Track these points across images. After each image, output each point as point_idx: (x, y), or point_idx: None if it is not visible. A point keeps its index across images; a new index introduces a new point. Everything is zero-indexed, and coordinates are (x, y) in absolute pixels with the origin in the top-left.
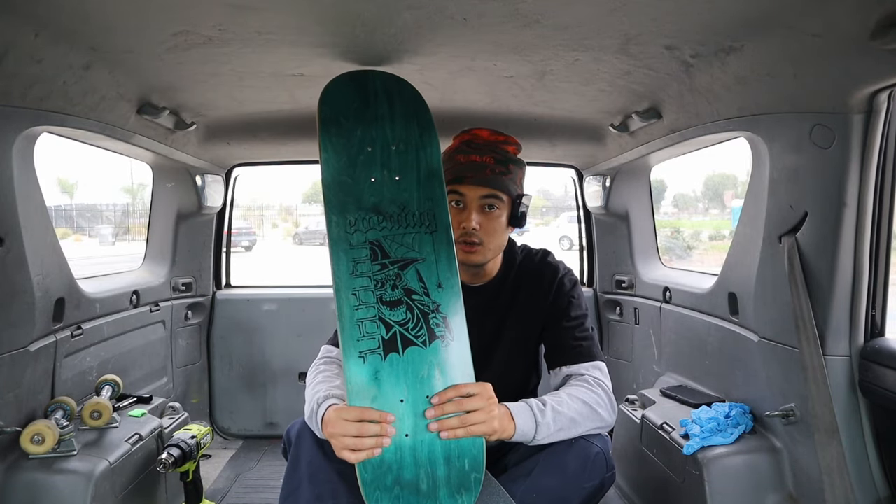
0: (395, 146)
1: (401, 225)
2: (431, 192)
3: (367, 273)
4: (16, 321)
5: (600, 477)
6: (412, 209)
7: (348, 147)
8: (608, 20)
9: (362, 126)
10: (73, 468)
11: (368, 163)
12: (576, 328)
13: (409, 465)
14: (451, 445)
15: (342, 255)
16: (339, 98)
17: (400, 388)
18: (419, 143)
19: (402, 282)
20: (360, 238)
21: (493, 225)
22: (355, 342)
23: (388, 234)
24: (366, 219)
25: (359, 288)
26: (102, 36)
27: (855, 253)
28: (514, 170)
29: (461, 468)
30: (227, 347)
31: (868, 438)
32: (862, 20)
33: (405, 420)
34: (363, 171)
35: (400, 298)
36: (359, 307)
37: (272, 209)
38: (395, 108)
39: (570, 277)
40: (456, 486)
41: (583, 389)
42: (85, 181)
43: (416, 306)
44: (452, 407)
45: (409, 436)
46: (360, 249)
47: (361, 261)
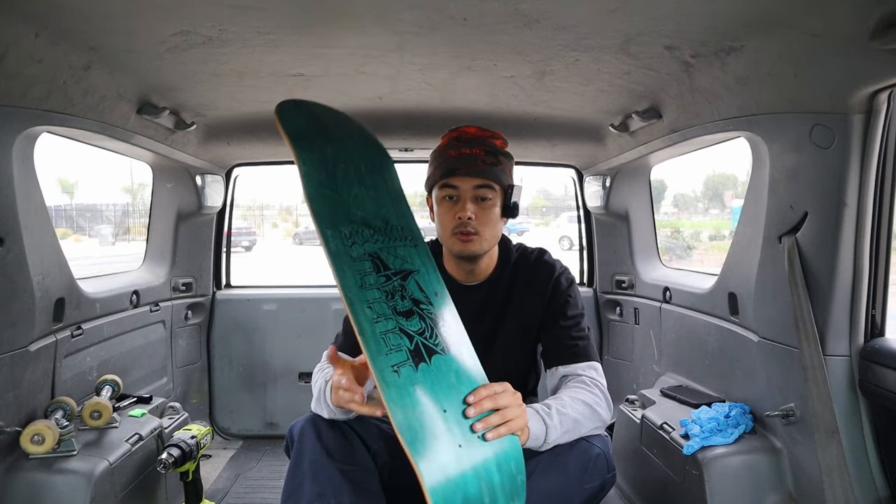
0: (364, 165)
1: (390, 238)
2: (402, 212)
3: (374, 285)
4: (16, 321)
5: (601, 478)
6: (393, 223)
7: (325, 162)
8: (608, 20)
9: (332, 144)
10: (73, 468)
11: (346, 178)
12: (572, 328)
13: (472, 479)
14: (499, 450)
15: (346, 269)
16: (298, 118)
17: (439, 398)
18: (381, 166)
19: (407, 292)
20: (359, 250)
21: (487, 215)
22: (384, 356)
23: (382, 246)
24: (359, 231)
25: (372, 300)
26: (102, 36)
27: (855, 253)
28: (503, 161)
29: (510, 472)
30: (227, 347)
31: (868, 438)
32: (862, 20)
33: (454, 430)
34: (344, 186)
35: (411, 308)
36: (377, 320)
37: (272, 209)
38: (351, 132)
39: (566, 276)
40: (510, 493)
41: (581, 390)
42: (85, 181)
43: (426, 315)
44: (490, 403)
45: (462, 446)
46: (362, 262)
47: (367, 273)
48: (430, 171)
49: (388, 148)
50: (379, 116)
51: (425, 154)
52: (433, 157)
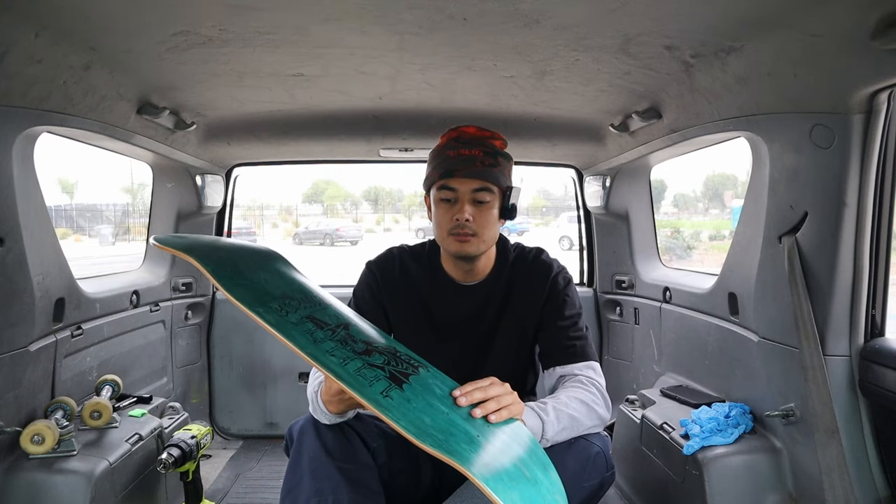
0: (256, 262)
1: (314, 305)
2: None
3: (326, 338)
4: (16, 321)
5: (600, 476)
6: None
7: (223, 262)
8: (608, 20)
9: (221, 250)
10: (73, 468)
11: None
12: (569, 328)
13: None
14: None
15: (294, 332)
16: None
17: (434, 403)
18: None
19: (354, 338)
20: (295, 316)
21: (485, 217)
22: (369, 388)
23: (311, 310)
24: (287, 303)
25: (331, 349)
26: (102, 36)
27: (855, 253)
28: (502, 162)
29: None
30: (227, 347)
31: (868, 438)
32: (862, 20)
33: (462, 425)
34: (252, 274)
35: (367, 348)
36: (345, 363)
37: (272, 209)
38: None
39: (563, 275)
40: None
41: (579, 389)
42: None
43: (383, 352)
44: (480, 394)
45: (479, 436)
46: (304, 324)
47: (313, 331)
48: (428, 171)
49: (388, 148)
50: (379, 116)
51: (425, 154)
52: (432, 157)
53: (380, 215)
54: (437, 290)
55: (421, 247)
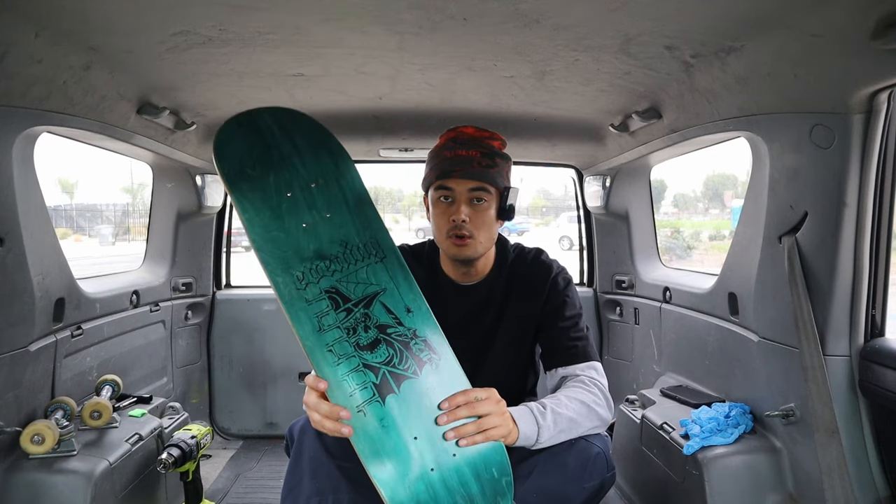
0: (315, 182)
1: (349, 262)
2: (367, 220)
3: (334, 325)
4: (16, 321)
5: (600, 477)
6: (354, 243)
7: (266, 198)
8: (608, 20)
9: (273, 171)
10: (73, 468)
11: (293, 208)
12: (570, 328)
13: (444, 498)
14: (476, 460)
15: (302, 315)
16: (236, 147)
17: (409, 427)
18: (337, 174)
19: (372, 320)
20: (314, 290)
21: (482, 218)
22: (348, 398)
23: (340, 276)
24: (313, 268)
25: (332, 343)
26: (102, 36)
27: (855, 253)
28: (500, 163)
29: (491, 478)
30: (227, 347)
31: (868, 438)
32: (862, 20)
33: (426, 455)
34: (291, 219)
35: (377, 337)
36: (339, 362)
37: None
38: (298, 144)
39: (563, 276)
40: (492, 496)
41: (579, 390)
42: (85, 181)
43: (395, 339)
44: (465, 412)
45: (434, 469)
46: (318, 302)
47: (324, 313)
48: (426, 171)
49: (388, 148)
50: (379, 116)
51: (425, 154)
52: (430, 157)
53: None
54: (437, 291)
55: (421, 246)
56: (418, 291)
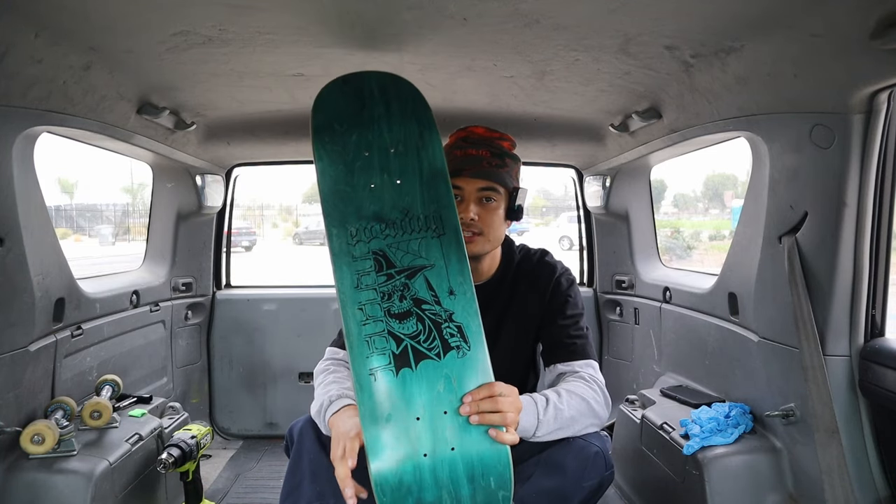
0: (394, 148)
1: (405, 231)
2: (436, 194)
3: (372, 285)
4: (16, 321)
5: (599, 476)
6: (416, 213)
7: (344, 154)
8: (608, 20)
9: (358, 130)
10: (73, 468)
11: (366, 168)
12: (571, 326)
13: (430, 486)
14: (474, 462)
15: (345, 269)
16: (334, 103)
17: (415, 406)
18: (419, 144)
19: (410, 291)
20: (362, 249)
21: (491, 217)
22: (365, 359)
23: (392, 241)
24: (367, 228)
25: (364, 302)
26: (102, 36)
27: (855, 253)
28: (509, 163)
29: (487, 487)
30: (227, 347)
31: (868, 438)
32: (862, 20)
33: (423, 438)
34: (361, 178)
35: (409, 310)
36: (366, 322)
37: (272, 209)
38: (391, 109)
39: (567, 276)
40: None
41: (581, 385)
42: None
43: (427, 316)
44: (488, 405)
45: (427, 455)
46: (363, 261)
47: (365, 272)
48: None
49: None
50: None
51: None
52: None
53: None
54: None
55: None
56: (469, 278)
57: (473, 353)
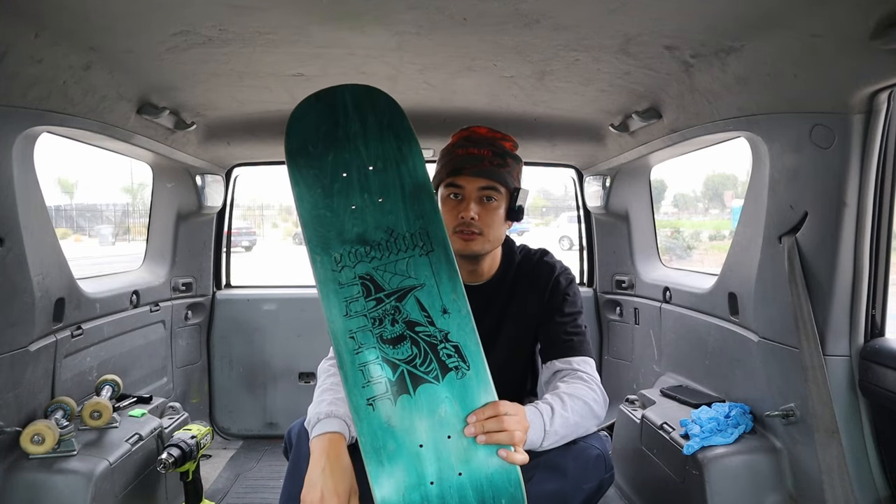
0: (373, 165)
1: (391, 251)
2: (421, 210)
3: (361, 312)
4: (16, 321)
5: (599, 478)
6: (401, 231)
7: (321, 177)
8: (608, 20)
9: (334, 150)
10: (73, 468)
11: (346, 189)
12: (568, 323)
13: None
14: (483, 486)
15: (332, 297)
16: (307, 123)
17: (417, 433)
18: (399, 158)
19: (401, 315)
20: (348, 274)
21: (491, 216)
22: (360, 389)
23: (378, 264)
24: (352, 252)
25: (355, 329)
26: (102, 36)
27: (855, 253)
28: (511, 163)
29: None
30: (227, 347)
31: (868, 438)
32: (862, 20)
33: (428, 466)
34: (341, 200)
35: (402, 333)
36: (358, 350)
37: (272, 209)
38: (367, 124)
39: (566, 275)
40: None
41: (580, 387)
42: (85, 181)
43: (422, 339)
44: (494, 424)
45: (434, 483)
46: (350, 287)
47: (354, 299)
48: (437, 168)
49: None
50: None
51: (425, 154)
52: (441, 155)
53: None
54: None
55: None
56: (462, 293)
57: (473, 372)
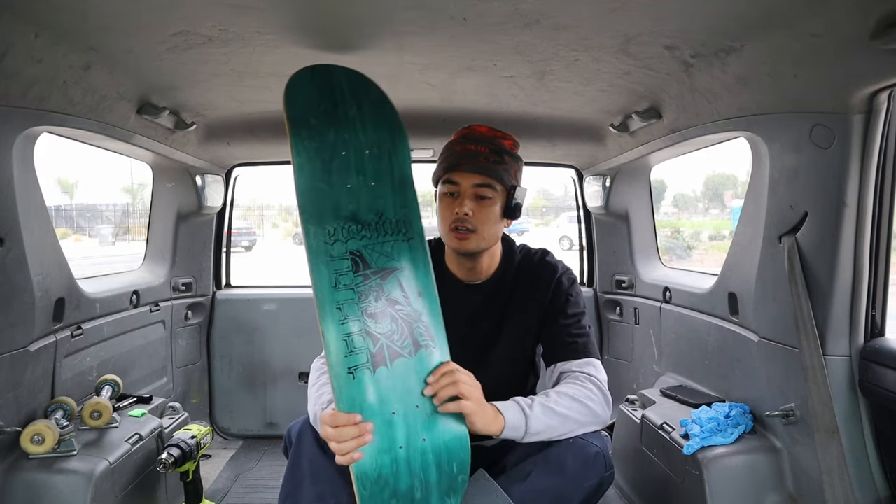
0: (369, 150)
1: (379, 234)
2: (406, 199)
3: (349, 285)
4: (16, 321)
5: (599, 476)
6: (389, 216)
7: (321, 151)
8: (608, 20)
9: (334, 128)
10: (73, 468)
11: (344, 167)
12: (571, 325)
13: (405, 476)
14: (441, 450)
15: (323, 268)
16: (306, 96)
17: (391, 401)
18: (391, 148)
19: (384, 293)
20: (340, 249)
21: (486, 213)
22: (344, 357)
23: (367, 243)
24: (345, 228)
25: (343, 301)
26: (102, 36)
27: (855, 253)
28: (508, 161)
29: (450, 472)
30: (227, 347)
31: (868, 438)
32: (862, 20)
33: (398, 432)
34: (339, 177)
35: (384, 310)
36: (344, 321)
37: (272, 209)
38: (364, 111)
39: (568, 276)
40: (445, 489)
41: (572, 386)
42: (85, 181)
43: (400, 317)
44: (447, 379)
45: (402, 447)
46: (341, 261)
47: (343, 272)
48: (436, 166)
49: None
50: None
51: (425, 154)
52: (441, 152)
53: None
54: (442, 288)
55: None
56: (432, 279)
57: (439, 350)
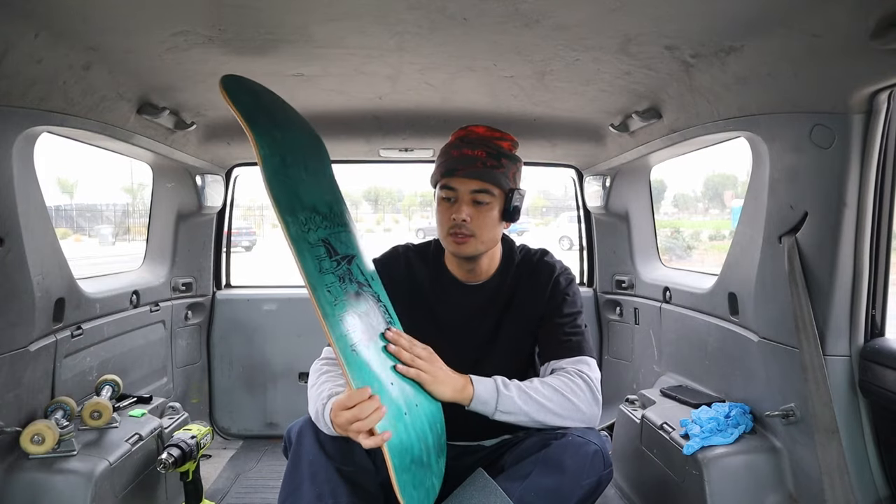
0: (305, 152)
1: (334, 224)
2: (338, 198)
3: (330, 269)
4: (16, 321)
5: (598, 475)
6: (335, 209)
7: (276, 146)
8: (608, 20)
9: (278, 129)
10: (73, 468)
11: (295, 164)
12: (566, 324)
13: (415, 440)
14: (429, 414)
15: (306, 254)
16: (246, 97)
17: (387, 374)
18: (319, 154)
19: (353, 275)
20: (314, 236)
21: (483, 218)
22: (343, 337)
23: (329, 232)
24: (311, 218)
25: (329, 284)
26: (102, 36)
27: (855, 253)
28: (506, 164)
29: (439, 432)
30: (227, 347)
31: (868, 438)
32: (862, 20)
33: (399, 400)
34: (294, 172)
35: (357, 291)
36: (335, 303)
37: (272, 209)
38: (284, 117)
39: (566, 276)
40: (437, 451)
41: (559, 379)
42: (85, 181)
43: (370, 296)
44: (406, 342)
45: (407, 414)
46: (317, 247)
47: (322, 258)
48: (434, 168)
49: (388, 148)
50: (379, 116)
51: (425, 154)
52: (439, 154)
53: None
54: (441, 290)
55: (426, 246)
56: (373, 266)
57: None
